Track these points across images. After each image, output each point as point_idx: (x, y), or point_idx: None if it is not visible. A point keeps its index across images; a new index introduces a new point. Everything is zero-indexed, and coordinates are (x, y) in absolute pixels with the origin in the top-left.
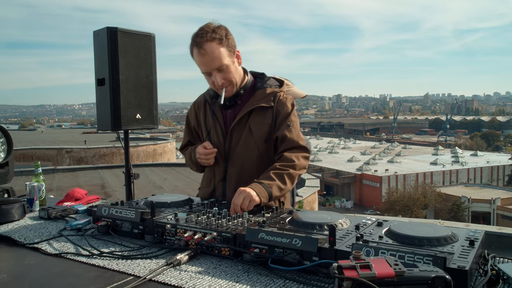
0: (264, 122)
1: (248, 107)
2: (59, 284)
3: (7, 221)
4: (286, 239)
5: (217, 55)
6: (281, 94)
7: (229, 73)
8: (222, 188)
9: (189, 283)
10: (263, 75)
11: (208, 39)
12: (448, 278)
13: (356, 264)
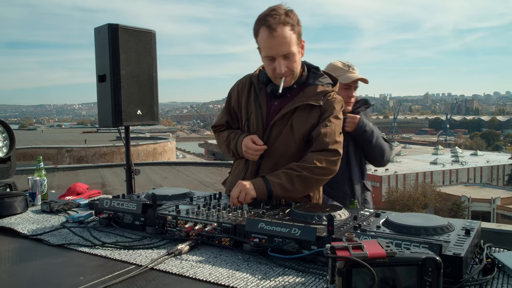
0: (308, 120)
1: (295, 103)
2: (62, 273)
3: (10, 214)
4: (285, 228)
5: (288, 41)
6: (331, 94)
7: (293, 62)
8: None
9: (190, 271)
10: (317, 70)
11: (282, 21)
12: (439, 260)
13: (348, 245)
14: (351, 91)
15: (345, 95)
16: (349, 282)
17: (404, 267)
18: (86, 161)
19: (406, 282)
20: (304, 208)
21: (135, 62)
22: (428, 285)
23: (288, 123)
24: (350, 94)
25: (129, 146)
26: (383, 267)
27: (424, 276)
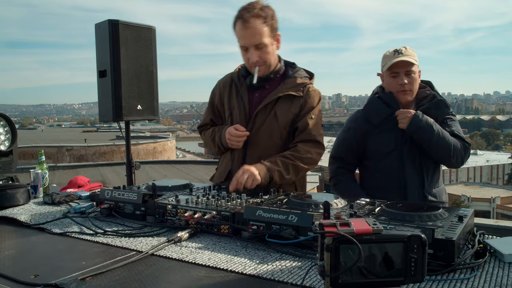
0: (290, 110)
1: (277, 93)
2: (64, 259)
3: (12, 205)
4: (282, 215)
5: (259, 32)
6: (310, 86)
7: (266, 53)
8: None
9: (189, 256)
10: (294, 65)
11: (254, 14)
12: (424, 237)
13: (336, 222)
14: (400, 78)
15: (394, 83)
16: (337, 258)
17: (391, 244)
18: (86, 159)
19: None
20: (301, 197)
21: (135, 58)
22: (414, 261)
23: (271, 112)
24: (400, 81)
25: (129, 140)
26: (369, 243)
27: (410, 253)
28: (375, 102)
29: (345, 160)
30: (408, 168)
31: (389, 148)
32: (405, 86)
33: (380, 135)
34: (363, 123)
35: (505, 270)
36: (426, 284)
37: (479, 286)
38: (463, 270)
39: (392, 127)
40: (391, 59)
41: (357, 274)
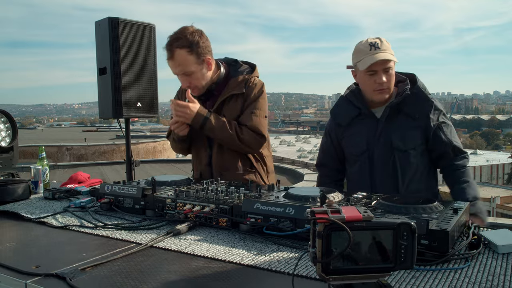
0: (236, 108)
1: (221, 98)
2: (65, 250)
3: (13, 200)
4: (280, 208)
5: (182, 62)
6: (251, 80)
7: (194, 79)
8: (209, 171)
9: (188, 248)
10: (236, 62)
11: (179, 46)
12: (413, 225)
13: (328, 209)
14: (378, 76)
15: (371, 81)
16: (328, 244)
17: (381, 231)
18: (86, 159)
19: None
20: (300, 190)
21: (135, 56)
22: (404, 248)
23: (220, 115)
24: (378, 80)
25: (129, 137)
26: (360, 230)
27: (399, 240)
28: (342, 102)
29: (328, 167)
30: (378, 171)
31: (360, 150)
32: (383, 84)
33: (352, 137)
34: (335, 125)
35: (499, 260)
36: (420, 273)
37: (473, 275)
38: (457, 261)
39: (363, 127)
40: (367, 55)
41: (348, 260)
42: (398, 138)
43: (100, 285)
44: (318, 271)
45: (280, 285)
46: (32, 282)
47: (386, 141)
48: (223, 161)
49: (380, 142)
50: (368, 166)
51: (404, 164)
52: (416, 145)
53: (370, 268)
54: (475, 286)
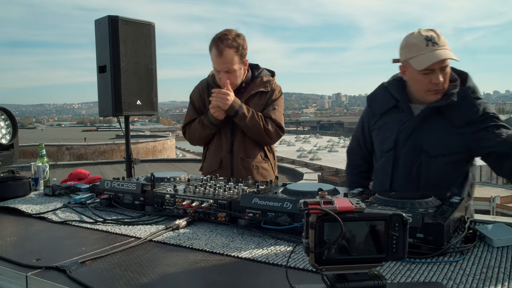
0: (260, 103)
1: (250, 91)
2: (65, 244)
3: (13, 197)
4: (277, 203)
5: (230, 61)
6: (274, 82)
7: (234, 77)
8: (229, 158)
9: (187, 242)
10: (258, 66)
11: (228, 45)
12: (405, 216)
13: (320, 200)
14: (434, 75)
15: (426, 81)
16: (321, 235)
17: (373, 222)
18: (86, 158)
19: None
20: (299, 186)
21: (134, 54)
22: (395, 239)
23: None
24: (435, 79)
25: (129, 135)
26: (352, 221)
27: (391, 230)
28: (379, 90)
29: (357, 155)
30: (400, 173)
31: (387, 146)
32: (439, 84)
33: (382, 130)
34: (369, 113)
35: (494, 253)
36: (416, 266)
37: (467, 268)
38: (452, 254)
39: (395, 122)
40: (425, 52)
41: (341, 250)
42: (430, 141)
43: (99, 277)
44: (311, 261)
45: (277, 277)
46: (32, 275)
47: (416, 142)
48: (245, 148)
49: (409, 141)
50: (391, 166)
51: (430, 171)
52: (450, 153)
53: (363, 259)
54: (469, 278)
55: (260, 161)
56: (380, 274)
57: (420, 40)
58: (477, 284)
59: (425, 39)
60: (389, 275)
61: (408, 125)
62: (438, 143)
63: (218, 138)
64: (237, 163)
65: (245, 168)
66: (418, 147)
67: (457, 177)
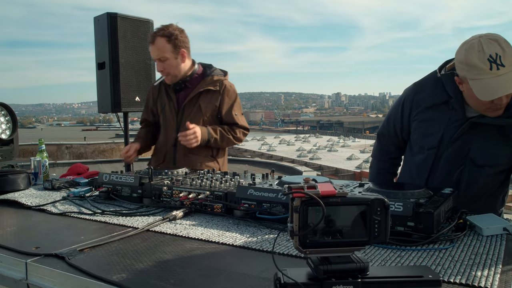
0: (211, 102)
1: (199, 89)
2: (64, 234)
3: (13, 190)
4: (272, 193)
5: (161, 48)
6: (226, 82)
7: (169, 66)
8: (173, 152)
9: (183, 232)
10: (211, 66)
11: (159, 34)
12: (387, 201)
13: (304, 185)
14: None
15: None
16: (305, 219)
17: (355, 206)
18: (86, 157)
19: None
20: (294, 178)
21: (133, 50)
22: (377, 223)
23: (196, 105)
24: (497, 101)
25: (128, 131)
26: (336, 206)
27: (373, 215)
28: (431, 80)
29: (390, 140)
30: (438, 176)
31: (429, 144)
32: (502, 105)
33: (426, 124)
34: (411, 102)
35: (483, 242)
36: (406, 253)
37: (456, 254)
38: (442, 242)
39: (443, 119)
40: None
41: (324, 234)
42: (479, 149)
43: (97, 264)
44: (295, 244)
45: (270, 263)
46: (32, 262)
47: (463, 146)
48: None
49: (455, 145)
50: (430, 165)
51: (472, 180)
52: (497, 164)
53: (346, 242)
54: (457, 264)
55: (206, 159)
56: (363, 257)
57: (483, 60)
58: (464, 269)
59: (488, 59)
60: (379, 261)
61: (458, 126)
62: (487, 153)
63: (164, 133)
64: (180, 158)
65: (189, 163)
66: (464, 152)
67: (495, 186)
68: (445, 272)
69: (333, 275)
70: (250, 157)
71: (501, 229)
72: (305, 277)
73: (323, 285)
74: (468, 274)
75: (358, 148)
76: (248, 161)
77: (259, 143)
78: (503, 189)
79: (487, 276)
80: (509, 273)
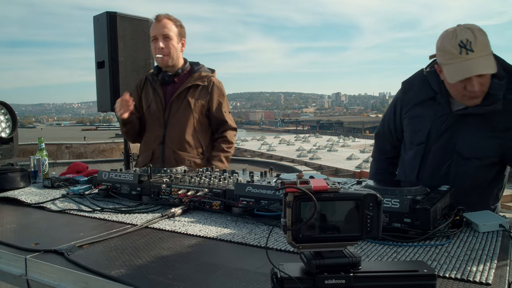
0: (200, 98)
1: (187, 84)
2: (63, 231)
3: (12, 188)
4: (270, 190)
5: (167, 26)
6: (214, 79)
7: (171, 44)
8: (160, 150)
9: (182, 228)
10: (198, 63)
11: (166, 17)
12: (379, 196)
13: (297, 180)
14: (470, 83)
15: (460, 87)
16: (298, 214)
17: (347, 201)
18: (86, 157)
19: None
20: (292, 176)
21: (132, 49)
22: (369, 219)
23: (184, 100)
24: (470, 87)
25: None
26: (328, 201)
27: (366, 210)
28: (418, 78)
29: (386, 140)
30: (428, 171)
31: (418, 140)
32: (476, 92)
33: (415, 121)
34: (402, 101)
35: (479, 238)
36: (402, 249)
37: (452, 250)
38: (439, 238)
39: (430, 115)
40: (457, 61)
41: (317, 229)
42: (465, 142)
43: (96, 259)
44: (288, 239)
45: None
46: (31, 258)
47: (450, 140)
48: (179, 142)
49: (442, 138)
50: (419, 160)
51: (461, 173)
52: (484, 156)
53: (338, 237)
54: (453, 259)
55: (195, 156)
56: (355, 251)
57: (454, 45)
58: (460, 264)
59: (459, 45)
60: (376, 257)
61: (444, 120)
62: (473, 145)
63: (150, 130)
64: (169, 155)
65: (177, 161)
66: (451, 145)
67: (486, 180)
68: (441, 267)
69: (325, 269)
70: (250, 157)
71: (497, 225)
72: (299, 271)
73: (315, 279)
74: (464, 269)
75: (358, 148)
76: (248, 161)
77: (259, 143)
78: (496, 184)
79: (482, 271)
80: (504, 268)
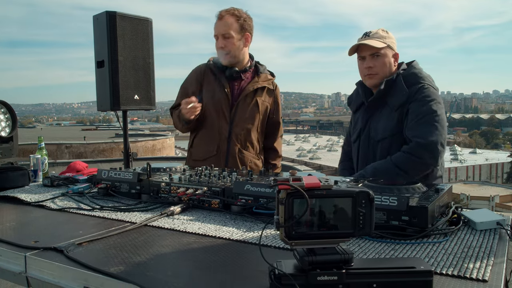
0: (266, 100)
1: (257, 84)
2: (63, 229)
3: (12, 187)
4: (269, 189)
5: (228, 24)
6: (276, 84)
7: (230, 43)
8: (227, 145)
9: (181, 226)
10: (260, 63)
11: (229, 12)
12: (371, 194)
13: (290, 177)
14: (365, 61)
15: (362, 67)
16: (290, 211)
17: (340, 199)
18: (86, 157)
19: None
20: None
21: (132, 49)
22: (362, 216)
23: (253, 100)
24: (365, 64)
25: (127, 129)
26: (321, 198)
27: (358, 207)
28: (354, 90)
29: (349, 140)
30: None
31: (353, 138)
32: (370, 69)
33: (354, 123)
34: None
35: (476, 236)
36: (400, 246)
37: (449, 248)
38: (436, 236)
39: (362, 115)
40: (355, 42)
41: (310, 226)
42: (375, 127)
43: (95, 257)
44: (281, 236)
45: (266, 257)
46: (31, 255)
47: (369, 130)
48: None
49: (364, 131)
50: (356, 155)
51: (382, 155)
52: (391, 135)
53: (331, 234)
54: (450, 257)
55: (256, 157)
56: (347, 248)
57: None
58: (457, 261)
59: (364, 33)
60: (373, 254)
61: (365, 115)
62: (380, 128)
63: (214, 122)
64: (233, 152)
65: (241, 160)
66: (369, 134)
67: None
68: (438, 264)
69: (318, 266)
70: None
71: (494, 223)
72: (293, 268)
73: (308, 275)
74: (461, 266)
75: None
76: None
77: None
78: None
79: (479, 268)
80: (501, 265)
